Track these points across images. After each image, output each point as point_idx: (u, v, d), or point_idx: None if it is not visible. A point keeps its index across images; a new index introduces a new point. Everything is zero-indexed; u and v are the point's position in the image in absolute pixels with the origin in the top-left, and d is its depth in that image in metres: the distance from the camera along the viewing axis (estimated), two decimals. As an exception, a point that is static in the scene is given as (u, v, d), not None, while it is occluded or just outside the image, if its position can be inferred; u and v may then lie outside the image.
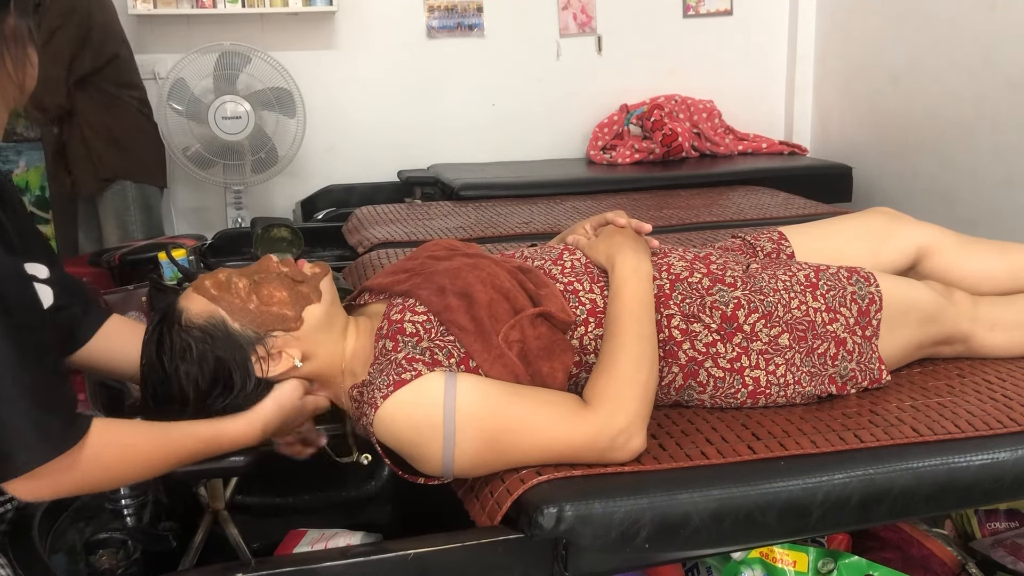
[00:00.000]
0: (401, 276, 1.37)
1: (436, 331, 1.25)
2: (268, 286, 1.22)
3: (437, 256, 1.41)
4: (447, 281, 1.29)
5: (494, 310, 1.25)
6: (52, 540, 1.27)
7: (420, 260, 1.41)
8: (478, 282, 1.28)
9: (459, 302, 1.26)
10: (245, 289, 1.22)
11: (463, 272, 1.31)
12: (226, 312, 1.19)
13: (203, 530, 1.58)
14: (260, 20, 3.70)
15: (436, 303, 1.27)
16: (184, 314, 1.19)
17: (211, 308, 1.19)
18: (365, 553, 1.11)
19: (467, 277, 1.29)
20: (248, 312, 1.20)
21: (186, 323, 1.19)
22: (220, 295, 1.20)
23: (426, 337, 1.24)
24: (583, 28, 4.05)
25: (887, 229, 1.62)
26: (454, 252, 1.42)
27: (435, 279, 1.31)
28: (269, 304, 1.21)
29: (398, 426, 1.16)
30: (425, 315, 1.27)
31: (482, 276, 1.30)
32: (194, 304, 1.20)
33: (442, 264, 1.37)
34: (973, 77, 3.25)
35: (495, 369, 1.22)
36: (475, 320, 1.24)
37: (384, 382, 1.17)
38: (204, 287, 1.21)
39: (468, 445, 1.15)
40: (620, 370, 1.21)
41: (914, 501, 1.22)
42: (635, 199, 3.19)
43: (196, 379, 1.18)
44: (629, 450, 1.17)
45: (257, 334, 1.20)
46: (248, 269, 1.26)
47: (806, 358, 1.37)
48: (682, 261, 1.43)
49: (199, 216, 3.82)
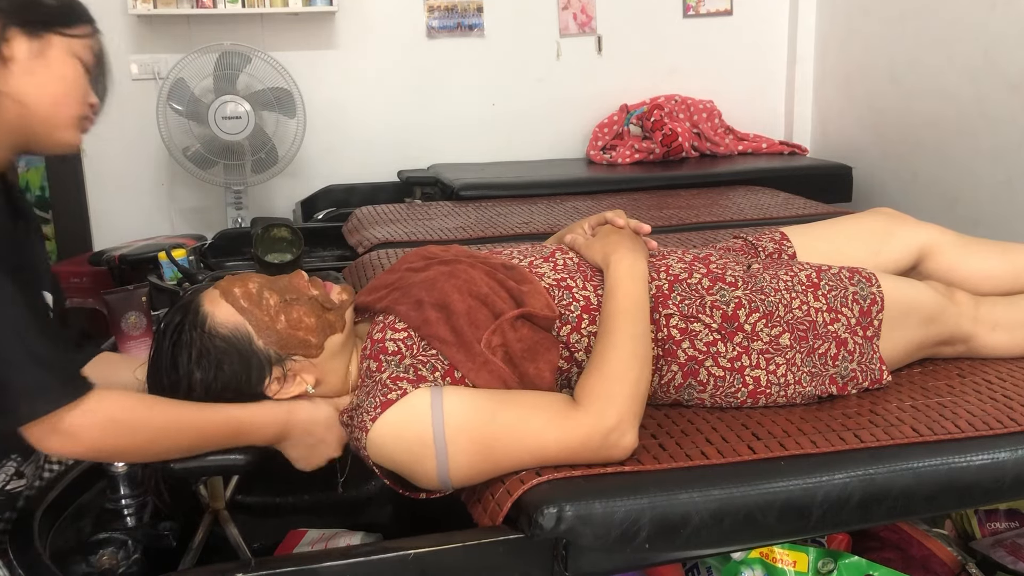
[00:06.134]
0: (382, 292, 1.37)
1: (418, 346, 1.25)
2: (298, 309, 1.21)
3: (415, 267, 1.40)
4: (424, 294, 1.29)
5: (473, 317, 1.25)
6: (52, 540, 1.27)
7: (399, 273, 1.40)
8: (455, 291, 1.27)
9: (437, 314, 1.25)
10: (275, 307, 1.20)
11: (439, 282, 1.30)
12: (253, 328, 1.19)
13: (203, 530, 1.58)
14: (260, 20, 3.70)
15: (415, 318, 1.26)
16: (209, 319, 1.18)
17: (238, 320, 1.19)
18: (365, 553, 1.11)
19: (443, 287, 1.29)
20: (275, 332, 1.19)
21: (210, 329, 1.18)
22: (249, 308, 1.19)
23: (408, 354, 1.24)
24: (583, 28, 4.05)
25: (888, 229, 1.62)
26: (431, 261, 1.41)
27: (412, 292, 1.31)
28: (296, 328, 1.20)
29: (390, 447, 1.16)
30: (405, 331, 1.27)
31: (458, 284, 1.29)
32: (220, 311, 1.19)
33: (419, 276, 1.36)
34: (973, 77, 3.24)
35: (481, 377, 1.21)
36: (455, 331, 1.23)
37: (371, 404, 1.17)
38: (234, 296, 1.20)
39: (461, 458, 1.15)
40: (610, 368, 1.21)
41: (914, 501, 1.22)
42: (635, 199, 3.19)
43: (208, 384, 1.18)
44: (622, 447, 1.17)
45: (279, 355, 1.20)
46: (279, 284, 1.24)
47: (807, 358, 1.37)
48: (681, 263, 1.42)
49: (199, 216, 3.82)
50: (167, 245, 2.73)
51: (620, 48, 4.09)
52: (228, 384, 1.18)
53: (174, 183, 3.77)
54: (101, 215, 3.72)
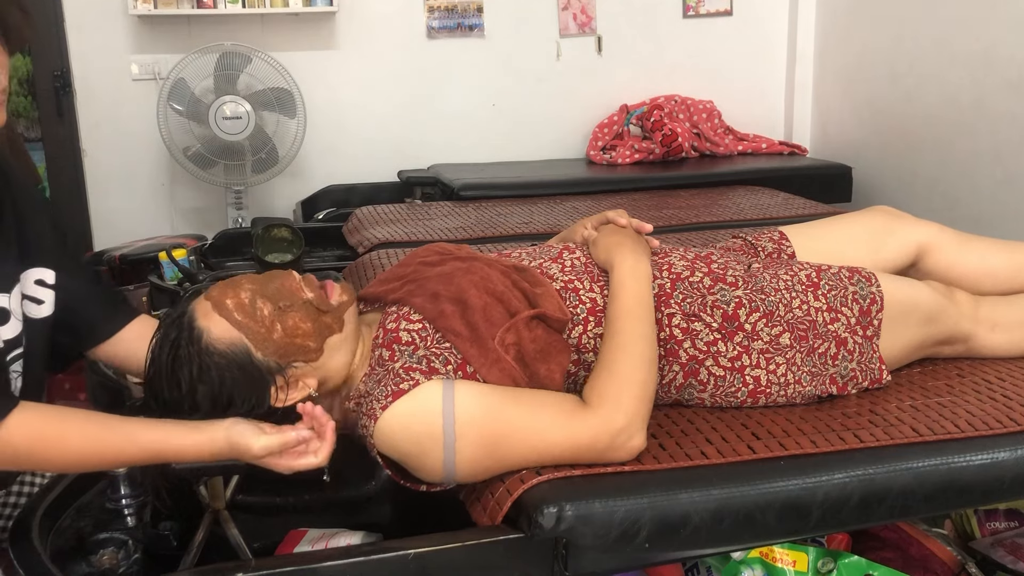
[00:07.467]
0: (395, 284, 1.36)
1: (432, 338, 1.25)
2: (293, 316, 1.19)
3: (429, 261, 1.40)
4: (440, 287, 1.29)
5: (489, 314, 1.25)
6: (52, 540, 1.27)
7: (413, 267, 1.40)
8: (472, 286, 1.28)
9: (453, 308, 1.25)
10: (270, 317, 1.18)
11: (456, 277, 1.30)
12: (250, 341, 1.17)
13: (203, 530, 1.58)
14: (260, 20, 3.70)
15: (430, 310, 1.26)
16: (205, 336, 1.17)
17: (234, 335, 1.17)
18: (365, 553, 1.11)
19: (460, 282, 1.29)
20: (272, 343, 1.18)
21: (207, 346, 1.16)
22: (244, 322, 1.17)
23: (422, 345, 1.24)
24: (583, 28, 4.05)
25: (887, 227, 1.62)
26: (446, 256, 1.41)
27: (428, 285, 1.31)
28: (293, 336, 1.19)
29: (398, 437, 1.16)
30: (420, 323, 1.26)
31: (475, 280, 1.29)
32: (215, 326, 1.17)
33: (435, 270, 1.36)
34: (973, 77, 3.25)
35: (492, 374, 1.21)
36: (470, 325, 1.24)
37: (382, 393, 1.16)
38: (227, 309, 1.18)
39: (469, 452, 1.15)
40: (619, 369, 1.21)
41: (914, 501, 1.22)
42: (635, 199, 3.19)
43: (214, 398, 1.17)
44: (629, 449, 1.17)
45: (279, 365, 1.19)
46: (270, 289, 1.21)
47: (807, 358, 1.37)
48: (683, 261, 1.43)
49: (199, 216, 3.82)
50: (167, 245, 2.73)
51: (620, 48, 4.09)
52: (233, 397, 1.17)
53: (174, 183, 3.77)
54: (101, 215, 3.73)
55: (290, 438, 1.15)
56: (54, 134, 3.66)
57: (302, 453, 1.17)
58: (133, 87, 3.64)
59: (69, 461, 1.14)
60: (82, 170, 3.69)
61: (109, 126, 3.66)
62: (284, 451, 1.16)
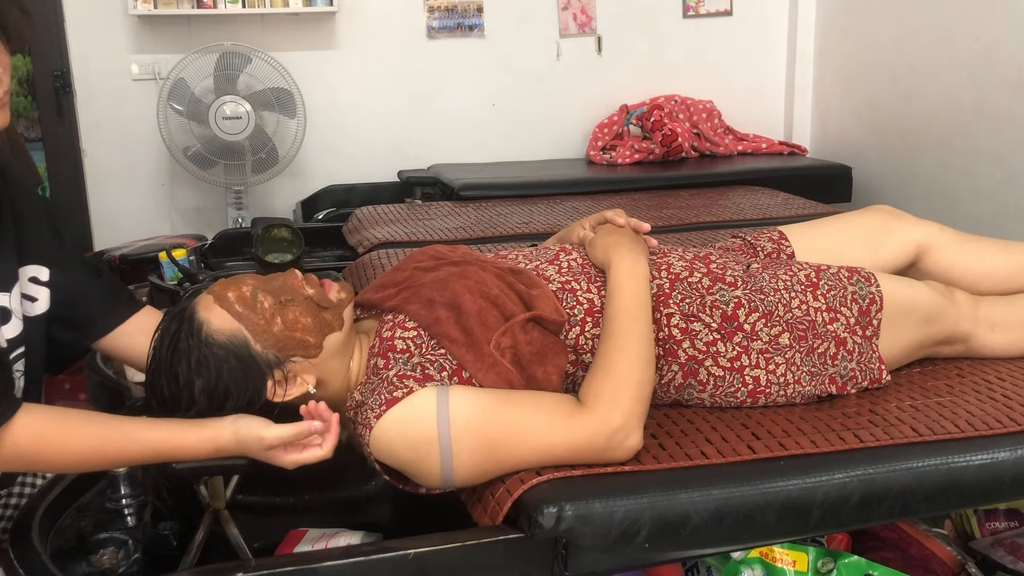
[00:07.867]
0: (391, 291, 1.36)
1: (427, 345, 1.25)
2: (294, 310, 1.20)
3: (424, 266, 1.40)
4: (435, 293, 1.29)
5: (484, 318, 1.25)
6: (52, 540, 1.27)
7: (408, 272, 1.40)
8: (466, 291, 1.27)
9: (448, 313, 1.25)
10: (270, 310, 1.19)
11: (450, 282, 1.30)
12: (249, 332, 1.18)
13: (204, 529, 1.58)
14: (260, 20, 3.70)
15: (425, 316, 1.26)
16: (205, 327, 1.17)
17: (234, 326, 1.18)
18: (365, 553, 1.11)
19: (455, 287, 1.29)
20: (271, 335, 1.19)
21: (207, 337, 1.17)
22: (245, 313, 1.18)
23: (417, 352, 1.24)
24: (583, 28, 4.05)
25: (887, 227, 1.62)
26: (440, 261, 1.41)
27: (423, 292, 1.31)
28: (293, 329, 1.19)
29: (394, 444, 1.16)
30: (415, 330, 1.26)
31: (470, 285, 1.29)
32: (216, 318, 1.18)
33: (429, 275, 1.36)
34: (973, 77, 3.25)
35: (489, 378, 1.21)
36: (465, 331, 1.24)
37: (376, 401, 1.17)
38: (228, 301, 1.19)
39: (466, 457, 1.15)
40: (615, 369, 1.21)
41: (914, 501, 1.22)
42: (635, 199, 3.19)
43: (210, 392, 1.17)
44: (627, 448, 1.17)
45: (277, 358, 1.19)
46: (273, 285, 1.23)
47: (806, 357, 1.37)
48: (681, 261, 1.43)
49: (199, 216, 3.83)
50: (167, 245, 2.73)
51: (620, 48, 4.09)
52: (230, 391, 1.18)
53: (174, 183, 3.77)
54: (102, 215, 3.73)
55: (304, 428, 1.16)
56: (54, 134, 3.66)
57: (307, 445, 1.18)
58: (133, 87, 3.64)
59: (73, 461, 1.14)
60: (82, 170, 3.69)
61: (109, 126, 3.66)
62: (290, 444, 1.17)
